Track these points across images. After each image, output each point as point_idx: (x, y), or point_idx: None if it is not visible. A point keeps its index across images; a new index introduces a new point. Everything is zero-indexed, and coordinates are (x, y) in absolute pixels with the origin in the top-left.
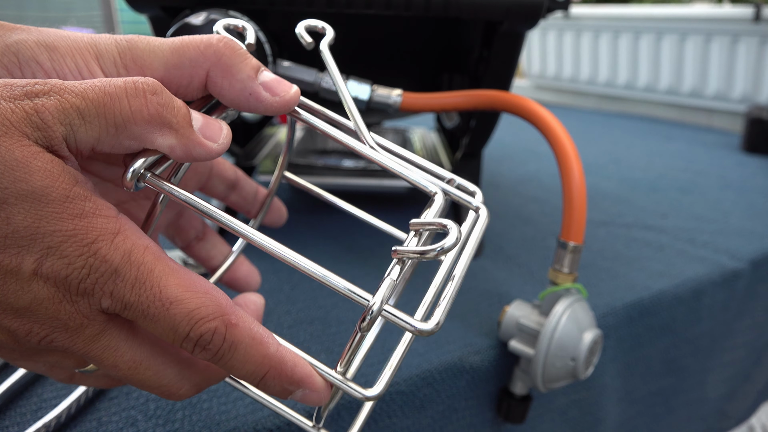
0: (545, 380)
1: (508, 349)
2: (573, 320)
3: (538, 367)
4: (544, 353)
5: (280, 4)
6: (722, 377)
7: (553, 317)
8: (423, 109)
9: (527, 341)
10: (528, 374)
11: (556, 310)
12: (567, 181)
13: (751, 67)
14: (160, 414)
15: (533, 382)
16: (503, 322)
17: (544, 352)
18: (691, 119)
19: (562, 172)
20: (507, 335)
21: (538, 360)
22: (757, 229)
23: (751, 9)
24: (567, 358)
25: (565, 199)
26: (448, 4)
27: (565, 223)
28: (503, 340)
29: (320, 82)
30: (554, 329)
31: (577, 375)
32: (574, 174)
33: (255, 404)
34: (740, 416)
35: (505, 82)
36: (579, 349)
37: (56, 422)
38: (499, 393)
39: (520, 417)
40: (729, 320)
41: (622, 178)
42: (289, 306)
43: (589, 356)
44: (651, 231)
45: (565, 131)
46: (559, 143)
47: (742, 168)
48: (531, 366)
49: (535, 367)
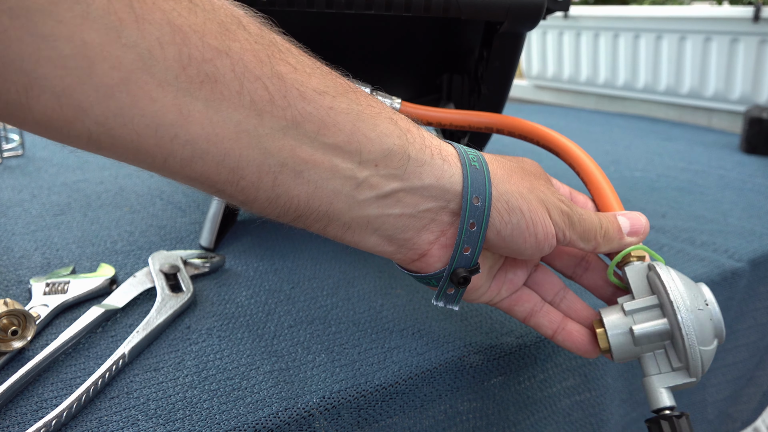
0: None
1: (633, 340)
2: (684, 279)
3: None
4: (683, 305)
5: (280, 5)
6: (725, 379)
7: (664, 273)
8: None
9: (651, 318)
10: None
11: (665, 278)
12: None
13: (750, 67)
14: (161, 414)
15: (692, 371)
16: (608, 326)
17: (682, 304)
18: (691, 119)
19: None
20: (620, 336)
21: (683, 315)
22: (756, 228)
23: (750, 9)
24: (702, 302)
25: (587, 180)
26: (448, 5)
27: (602, 203)
28: (617, 351)
29: None
30: (674, 279)
31: (722, 336)
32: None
33: (255, 404)
34: (745, 419)
35: (505, 82)
36: (706, 294)
37: (57, 422)
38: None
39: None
40: (730, 321)
41: (621, 178)
42: (290, 306)
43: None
44: (650, 231)
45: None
46: (557, 142)
47: (741, 168)
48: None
49: (684, 324)
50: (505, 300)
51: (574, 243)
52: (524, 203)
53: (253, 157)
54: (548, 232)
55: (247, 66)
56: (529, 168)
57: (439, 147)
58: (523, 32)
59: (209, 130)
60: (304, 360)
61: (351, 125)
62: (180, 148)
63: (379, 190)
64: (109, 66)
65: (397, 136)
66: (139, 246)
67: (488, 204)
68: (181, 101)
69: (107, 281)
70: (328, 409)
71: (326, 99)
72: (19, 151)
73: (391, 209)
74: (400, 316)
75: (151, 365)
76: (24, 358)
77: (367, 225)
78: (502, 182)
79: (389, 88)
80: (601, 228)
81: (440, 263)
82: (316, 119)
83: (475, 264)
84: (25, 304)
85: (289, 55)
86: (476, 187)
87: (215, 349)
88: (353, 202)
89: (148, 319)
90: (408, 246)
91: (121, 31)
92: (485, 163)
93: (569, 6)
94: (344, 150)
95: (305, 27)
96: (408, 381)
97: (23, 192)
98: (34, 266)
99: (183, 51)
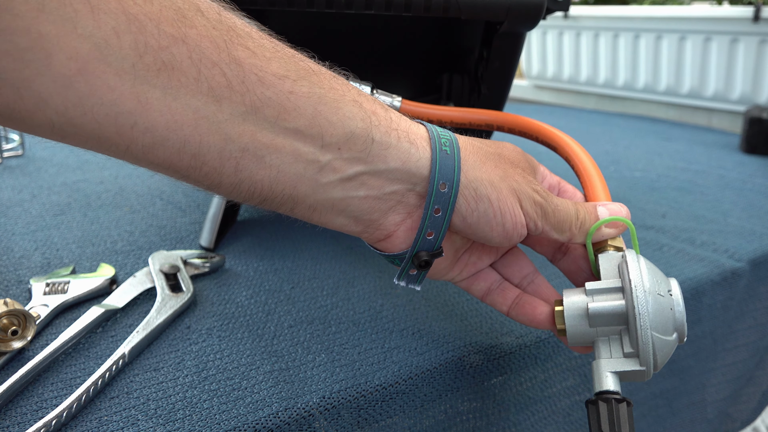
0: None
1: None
2: (652, 268)
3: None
4: (642, 287)
5: (280, 5)
6: (725, 379)
7: (631, 257)
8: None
9: (610, 298)
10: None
11: (630, 261)
12: (574, 157)
13: (750, 67)
14: (161, 414)
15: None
16: (566, 302)
17: (641, 286)
18: (691, 119)
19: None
20: (576, 316)
21: (639, 298)
22: (756, 228)
23: (750, 9)
24: (665, 289)
25: (579, 169)
26: (448, 5)
27: (590, 191)
28: (571, 332)
29: None
30: (639, 263)
31: (683, 332)
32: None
33: (255, 404)
34: (745, 418)
35: (505, 82)
36: (672, 284)
37: (57, 422)
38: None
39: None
40: (730, 321)
41: (621, 178)
42: (290, 306)
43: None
44: (650, 231)
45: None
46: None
47: (741, 168)
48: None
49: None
50: (465, 280)
51: (547, 233)
52: (493, 192)
53: (214, 143)
54: (517, 222)
55: (204, 52)
56: (507, 155)
57: (407, 130)
58: (523, 32)
59: (168, 117)
60: (304, 360)
61: (312, 109)
62: (140, 136)
63: (343, 173)
64: (65, 57)
65: (360, 119)
66: (139, 246)
67: (455, 190)
68: (138, 89)
69: (107, 281)
70: (328, 409)
71: (286, 83)
72: (19, 151)
73: (356, 191)
74: (400, 316)
75: (151, 365)
76: (24, 358)
77: (332, 207)
78: (473, 169)
79: (389, 88)
80: (577, 219)
81: (405, 244)
82: (275, 104)
83: (438, 248)
84: (25, 304)
85: (248, 40)
86: (444, 172)
87: (215, 349)
88: (317, 185)
89: (148, 319)
90: (374, 227)
91: (77, 21)
92: (457, 148)
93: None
94: (305, 134)
95: (305, 27)
96: (408, 381)
97: (23, 192)
98: (34, 266)
99: (139, 39)
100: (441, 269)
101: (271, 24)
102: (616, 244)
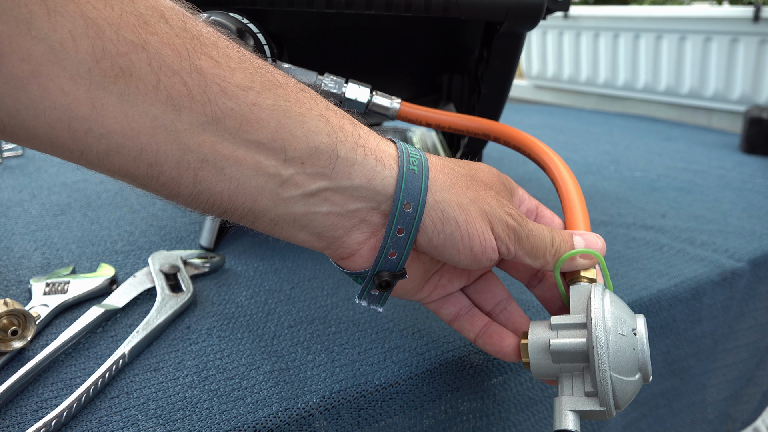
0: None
1: (549, 354)
2: (618, 305)
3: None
4: (603, 327)
5: (280, 5)
6: (725, 379)
7: (597, 292)
8: (418, 122)
9: (574, 335)
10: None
11: (596, 292)
12: (560, 181)
13: (750, 67)
14: (161, 414)
15: (604, 401)
16: (531, 337)
17: (603, 326)
18: (691, 119)
19: (553, 175)
20: (540, 350)
21: (599, 338)
22: (756, 228)
23: (750, 9)
24: (629, 329)
25: (563, 196)
26: (448, 5)
27: (570, 219)
28: (535, 365)
29: (320, 85)
30: (604, 301)
31: (647, 373)
32: (565, 175)
33: (255, 404)
34: (745, 419)
35: (505, 82)
36: (638, 322)
37: (57, 422)
38: None
39: None
40: (730, 321)
41: (621, 178)
42: (290, 306)
43: (647, 335)
44: (650, 231)
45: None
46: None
47: (741, 168)
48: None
49: (598, 346)
50: (434, 302)
51: (520, 258)
52: (461, 214)
53: (172, 153)
54: (486, 246)
55: (164, 60)
56: (480, 176)
57: (375, 147)
58: (523, 32)
59: (124, 124)
60: (304, 360)
61: (276, 122)
62: (95, 142)
63: (305, 189)
64: (18, 58)
65: (326, 133)
66: (139, 246)
67: (420, 211)
68: (94, 95)
69: (107, 281)
70: (328, 409)
71: (250, 95)
72: (19, 151)
73: (318, 207)
74: (400, 316)
75: (151, 365)
76: (24, 358)
77: (294, 222)
78: (442, 190)
79: (389, 88)
80: (552, 246)
81: (367, 263)
82: (238, 115)
83: (401, 269)
84: (25, 304)
85: (213, 49)
86: (409, 192)
87: (215, 349)
88: (278, 199)
89: (148, 319)
90: (337, 244)
91: (32, 23)
92: (426, 168)
93: (569, 6)
94: (268, 147)
95: (305, 27)
96: (408, 381)
97: (23, 192)
98: (34, 266)
99: (96, 44)
100: (408, 289)
101: (272, 25)
102: (589, 275)
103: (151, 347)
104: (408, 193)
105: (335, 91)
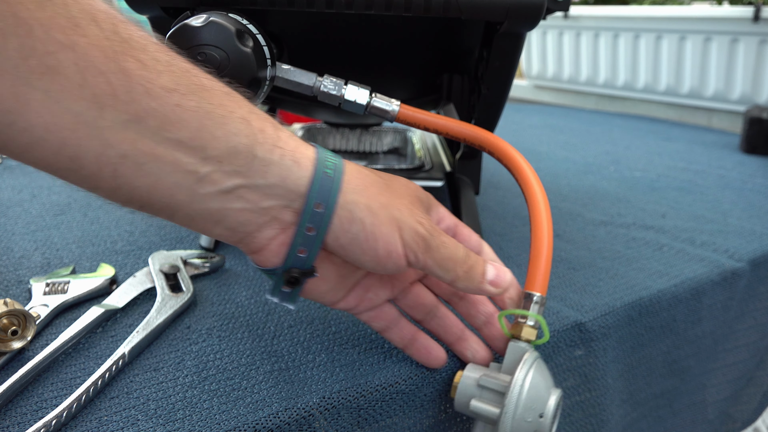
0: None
1: (469, 409)
2: (541, 375)
3: (507, 425)
4: (512, 411)
5: (280, 5)
6: (726, 379)
7: (521, 373)
8: (416, 125)
9: (491, 400)
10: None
11: (523, 367)
12: (536, 230)
13: (750, 67)
14: (161, 414)
15: None
16: (460, 384)
17: (512, 410)
18: (691, 119)
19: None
20: (465, 397)
21: (507, 419)
22: (756, 228)
23: (750, 9)
24: (536, 414)
25: (533, 246)
26: (448, 5)
27: (531, 272)
28: (459, 407)
29: (319, 87)
30: (522, 384)
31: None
32: (544, 225)
33: (255, 404)
34: (746, 419)
35: (505, 82)
36: (548, 406)
37: (57, 422)
38: None
39: None
40: (730, 321)
41: (621, 178)
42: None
43: (555, 414)
44: (650, 231)
45: (537, 178)
46: (531, 191)
47: (741, 168)
48: (498, 426)
49: (503, 426)
50: (364, 314)
51: (430, 269)
52: (369, 216)
53: (92, 148)
54: (392, 251)
55: (91, 60)
56: (396, 187)
57: (294, 150)
58: (523, 32)
59: (48, 119)
60: (304, 360)
61: (197, 122)
62: (18, 135)
63: (221, 186)
64: None
65: (245, 135)
66: (139, 246)
67: (329, 212)
68: (19, 90)
69: (107, 281)
70: (328, 409)
71: (174, 96)
72: None
73: (233, 204)
74: None
75: (151, 365)
76: (24, 358)
77: (209, 217)
78: (353, 192)
79: (389, 88)
80: (465, 263)
81: (277, 259)
82: (160, 115)
83: (310, 266)
84: (25, 304)
85: (141, 53)
86: (321, 193)
87: (215, 349)
88: (195, 195)
89: (148, 319)
90: (249, 239)
91: None
92: (341, 172)
93: (569, 6)
94: (188, 145)
95: (305, 27)
96: (408, 381)
97: (23, 192)
98: (34, 266)
99: (25, 43)
100: (325, 291)
101: (272, 25)
102: (528, 337)
103: (151, 347)
104: (320, 193)
105: (335, 92)
